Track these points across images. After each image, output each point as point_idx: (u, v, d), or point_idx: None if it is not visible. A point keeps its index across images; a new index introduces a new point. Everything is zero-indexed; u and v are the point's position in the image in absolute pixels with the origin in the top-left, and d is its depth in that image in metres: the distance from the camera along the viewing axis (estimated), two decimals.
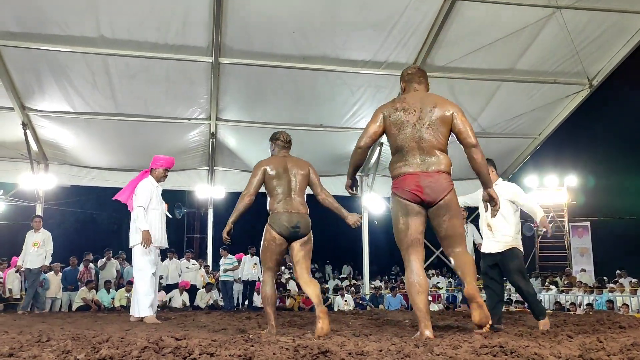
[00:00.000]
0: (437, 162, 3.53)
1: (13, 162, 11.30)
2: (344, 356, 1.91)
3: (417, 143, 3.50)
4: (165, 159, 6.46)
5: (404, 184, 3.48)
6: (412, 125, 3.50)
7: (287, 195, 4.50)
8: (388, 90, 10.17)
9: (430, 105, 3.55)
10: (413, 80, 3.82)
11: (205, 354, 2.17)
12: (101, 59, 8.92)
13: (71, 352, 2.59)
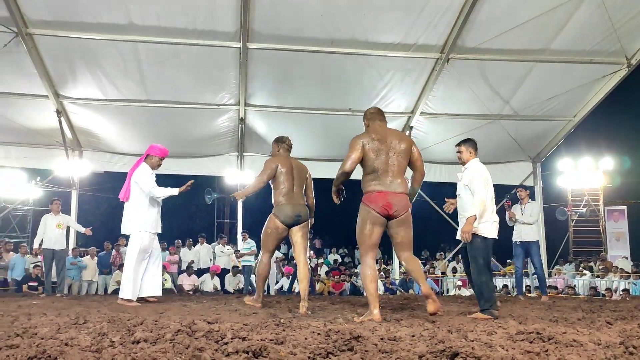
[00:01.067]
0: (402, 185, 4.45)
1: (48, 149, 11.56)
2: (376, 341, 1.89)
3: (389, 167, 4.42)
4: (162, 149, 6.59)
5: (377, 199, 4.36)
6: (386, 153, 4.42)
7: (290, 190, 5.51)
8: (417, 73, 10.02)
9: (396, 138, 4.52)
10: (376, 118, 4.73)
11: (238, 337, 2.18)
12: (131, 45, 9.00)
13: (107, 334, 2.64)
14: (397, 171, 4.43)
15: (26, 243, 14.34)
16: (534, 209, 8.31)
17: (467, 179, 4.88)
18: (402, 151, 4.46)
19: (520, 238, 8.19)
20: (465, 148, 5.06)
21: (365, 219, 4.42)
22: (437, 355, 1.62)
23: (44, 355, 1.93)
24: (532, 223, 8.17)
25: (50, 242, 9.06)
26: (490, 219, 4.79)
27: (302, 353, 1.65)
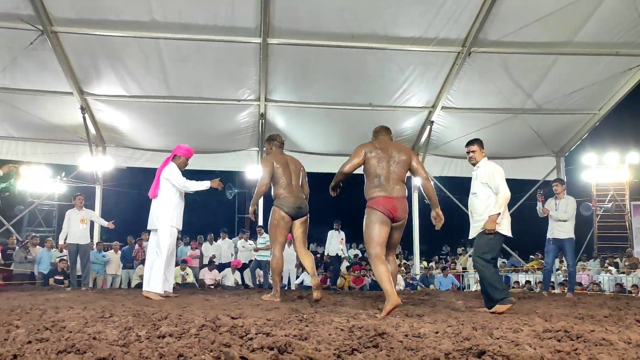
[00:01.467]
0: (402, 190, 4.78)
1: (73, 145, 11.76)
2: (401, 338, 1.88)
3: (390, 174, 4.77)
4: (188, 149, 6.67)
5: (384, 203, 4.68)
6: (387, 161, 4.79)
7: (289, 184, 5.86)
8: (438, 67, 9.93)
9: (396, 150, 4.90)
10: (380, 133, 5.17)
11: (262, 333, 2.19)
12: (153, 42, 9.09)
13: (133, 328, 2.68)
14: (397, 178, 4.79)
15: (52, 237, 14.61)
16: (569, 205, 7.86)
17: (485, 176, 4.86)
18: (402, 161, 4.83)
19: (552, 235, 7.90)
20: (479, 147, 5.16)
21: (374, 221, 4.68)
22: (463, 353, 1.60)
23: (73, 349, 1.97)
24: (565, 220, 7.78)
25: (75, 236, 9.21)
26: (508, 217, 4.89)
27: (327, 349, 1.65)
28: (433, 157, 12.60)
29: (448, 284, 12.40)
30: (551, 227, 7.97)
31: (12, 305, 4.16)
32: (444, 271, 13.14)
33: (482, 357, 1.49)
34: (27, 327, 2.68)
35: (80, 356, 1.84)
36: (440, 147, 12.29)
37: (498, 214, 4.70)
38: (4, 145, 11.61)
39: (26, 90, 10.04)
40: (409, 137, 12.14)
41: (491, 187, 4.80)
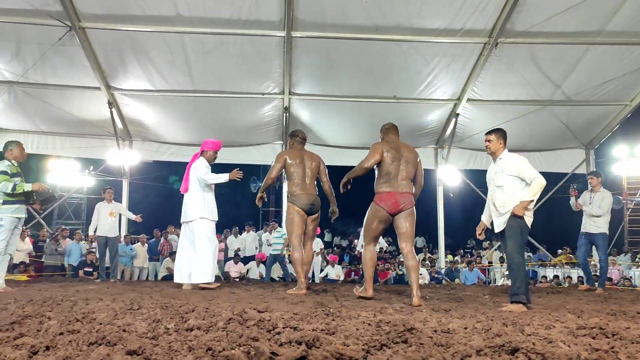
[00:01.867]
0: (407, 186, 5.25)
1: (101, 139, 11.94)
2: (430, 334, 1.86)
3: (399, 172, 5.23)
4: (214, 142, 6.85)
5: (386, 199, 5.17)
6: (398, 160, 5.23)
7: (303, 181, 6.08)
8: (464, 59, 9.78)
9: (407, 150, 5.33)
10: (389, 132, 5.54)
11: (289, 327, 2.19)
12: (178, 37, 9.15)
13: (161, 321, 2.71)
14: (405, 176, 5.25)
15: (81, 230, 14.90)
16: (604, 199, 7.53)
17: (513, 168, 4.71)
18: (411, 162, 5.30)
19: (584, 229, 7.68)
20: (496, 138, 4.94)
21: (374, 216, 5.26)
22: (495, 350, 1.57)
23: (104, 341, 1.99)
24: (599, 215, 7.48)
25: (104, 229, 9.38)
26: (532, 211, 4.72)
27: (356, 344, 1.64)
28: (458, 150, 12.46)
29: (474, 278, 12.28)
30: (584, 221, 7.74)
31: (44, 297, 4.25)
32: (470, 265, 13.01)
33: (515, 354, 1.46)
34: (59, 319, 2.73)
35: (110, 348, 1.86)
36: (466, 140, 12.14)
37: (531, 201, 4.59)
38: (34, 140, 11.86)
39: (55, 85, 10.23)
40: (433, 130, 12.02)
41: (523, 178, 4.65)
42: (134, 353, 1.76)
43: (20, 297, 4.42)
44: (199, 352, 1.60)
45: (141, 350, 1.78)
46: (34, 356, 1.76)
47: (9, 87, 10.19)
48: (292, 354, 1.25)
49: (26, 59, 9.44)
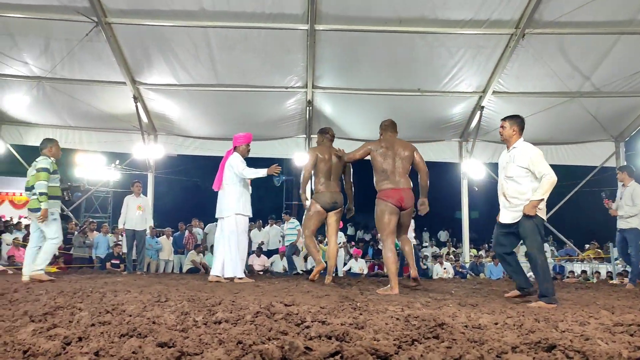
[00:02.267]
0: (407, 182, 5.57)
1: (126, 133, 12.11)
2: (462, 329, 1.83)
3: (395, 169, 5.53)
4: (245, 135, 6.97)
5: (392, 195, 5.48)
6: (392, 158, 5.54)
7: (328, 179, 6.39)
8: (489, 50, 9.63)
9: (401, 146, 5.63)
10: (388, 130, 5.83)
11: (317, 321, 2.19)
12: (202, 31, 9.20)
13: (189, 313, 2.73)
14: (402, 172, 5.55)
15: (107, 223, 15.15)
16: (635, 193, 7.35)
17: (524, 160, 4.46)
18: (406, 157, 5.57)
19: (618, 225, 7.54)
20: (510, 124, 4.70)
21: (384, 211, 5.50)
22: (531, 347, 1.54)
23: (135, 333, 2.01)
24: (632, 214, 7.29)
25: (132, 222, 9.54)
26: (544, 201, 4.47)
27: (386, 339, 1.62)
28: (483, 144, 12.30)
29: (499, 273, 12.14)
30: (618, 216, 7.59)
31: (74, 288, 4.33)
32: (495, 259, 12.85)
33: (552, 351, 1.43)
34: (89, 310, 2.77)
35: (141, 340, 1.88)
36: (491, 133, 11.95)
37: (542, 200, 4.35)
38: (62, 135, 12.06)
39: (82, 80, 10.39)
40: (458, 123, 11.88)
41: (533, 171, 4.42)
42: (165, 345, 1.77)
43: (51, 288, 4.51)
44: (230, 345, 1.61)
45: (172, 342, 1.80)
46: (67, 347, 1.79)
47: (38, 82, 10.39)
48: (327, 349, 1.25)
49: (54, 54, 9.61)
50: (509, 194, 4.57)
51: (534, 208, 4.36)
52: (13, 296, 3.58)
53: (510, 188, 4.56)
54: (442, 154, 12.63)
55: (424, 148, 12.49)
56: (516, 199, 4.51)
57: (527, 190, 4.45)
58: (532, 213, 4.36)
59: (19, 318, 2.49)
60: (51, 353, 1.61)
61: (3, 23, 8.93)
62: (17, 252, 10.94)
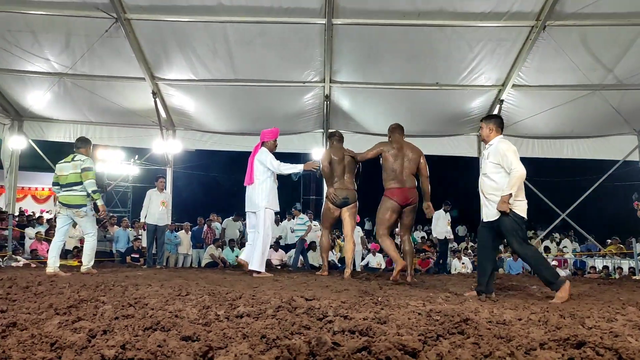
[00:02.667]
0: (412, 181, 6.16)
1: (145, 128, 12.21)
2: (487, 325, 1.81)
3: (403, 169, 6.12)
4: (272, 131, 7.21)
5: (398, 194, 6.13)
6: (401, 159, 6.13)
7: (341, 177, 6.96)
8: (510, 43, 9.48)
9: (409, 149, 6.25)
10: (396, 132, 6.42)
11: (339, 316, 2.18)
12: (220, 26, 9.21)
13: (211, 307, 2.74)
14: (408, 173, 6.15)
15: (127, 217, 15.31)
16: None
17: (496, 156, 4.56)
18: (413, 159, 6.17)
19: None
20: (486, 124, 4.88)
21: (387, 208, 6.16)
22: (560, 344, 1.52)
23: (158, 327, 2.03)
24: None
25: (154, 217, 9.68)
26: (524, 199, 4.57)
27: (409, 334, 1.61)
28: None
29: (518, 268, 12.03)
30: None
31: (97, 282, 4.38)
32: (514, 255, 12.74)
33: (582, 348, 1.40)
34: (112, 303, 2.80)
35: (165, 333, 1.89)
36: (510, 127, 11.80)
37: (510, 195, 4.40)
38: (83, 130, 12.20)
39: (102, 76, 10.49)
40: (476, 117, 11.74)
41: (504, 166, 4.49)
42: (189, 339, 1.78)
43: (74, 281, 4.57)
44: (254, 339, 1.61)
45: (195, 336, 1.80)
46: (92, 340, 1.81)
47: (59, 79, 10.51)
48: (354, 344, 1.24)
49: (75, 51, 9.71)
50: (485, 191, 4.69)
51: (504, 204, 4.41)
52: (38, 289, 3.63)
53: (485, 185, 4.68)
54: (460, 148, 12.52)
55: (442, 142, 12.42)
56: (493, 195, 4.58)
57: (502, 186, 4.50)
58: (503, 209, 4.41)
59: (44, 311, 2.53)
60: (77, 346, 1.62)
61: (25, 21, 9.05)
62: (40, 245, 11.13)
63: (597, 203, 14.41)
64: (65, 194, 6.59)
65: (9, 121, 11.69)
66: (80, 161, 6.60)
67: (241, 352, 1.31)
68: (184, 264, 12.29)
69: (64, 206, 6.61)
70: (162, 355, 1.38)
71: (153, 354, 1.35)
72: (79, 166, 6.56)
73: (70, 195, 6.56)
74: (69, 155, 6.81)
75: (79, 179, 6.53)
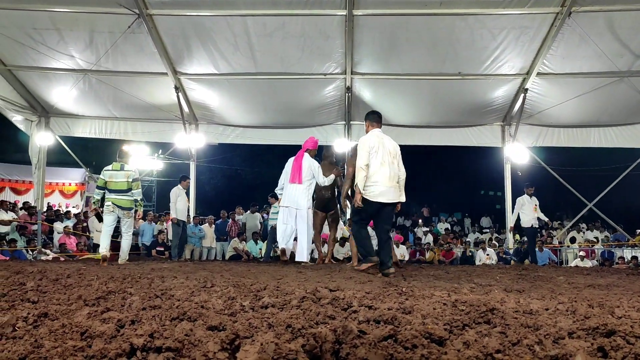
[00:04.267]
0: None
1: (169, 123, 12.34)
2: (514, 315, 1.80)
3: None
4: (314, 141, 7.91)
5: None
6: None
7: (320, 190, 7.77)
8: (534, 30, 9.31)
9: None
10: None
11: (364, 306, 2.18)
12: (241, 20, 9.23)
13: (235, 298, 2.77)
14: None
15: (152, 211, 15.52)
16: None
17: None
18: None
19: None
20: (365, 121, 5.85)
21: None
22: (589, 333, 1.49)
23: (185, 317, 2.06)
24: None
25: (183, 213, 10.03)
26: (372, 184, 5.41)
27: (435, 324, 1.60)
28: (527, 127, 11.96)
29: (544, 259, 11.86)
30: None
31: (124, 274, 4.45)
32: (540, 245, 12.56)
33: (612, 337, 1.38)
34: (139, 295, 2.84)
35: (192, 323, 1.91)
36: (535, 116, 11.64)
37: (355, 186, 5.44)
38: (108, 126, 12.39)
39: (126, 72, 10.62)
40: (500, 106, 11.59)
41: None
42: (215, 328, 1.80)
43: (102, 274, 4.65)
44: (279, 329, 1.62)
45: (222, 326, 1.82)
46: (121, 329, 1.84)
47: (84, 75, 10.67)
48: (380, 332, 1.24)
49: (98, 47, 9.84)
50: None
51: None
52: (67, 281, 3.71)
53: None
54: (484, 138, 12.37)
55: (465, 133, 12.29)
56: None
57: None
58: (354, 200, 5.45)
59: (73, 302, 2.58)
60: (107, 335, 1.65)
61: (50, 18, 9.20)
62: (68, 239, 11.36)
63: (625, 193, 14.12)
64: (117, 197, 7.58)
65: (36, 117, 11.92)
66: (131, 172, 7.66)
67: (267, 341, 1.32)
68: (208, 256, 12.41)
69: (117, 207, 7.59)
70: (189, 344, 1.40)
71: (181, 342, 1.37)
72: (131, 176, 7.62)
73: (123, 199, 7.60)
74: (115, 164, 7.73)
75: (128, 187, 7.60)
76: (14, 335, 1.61)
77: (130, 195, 7.63)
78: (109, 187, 7.58)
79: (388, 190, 5.42)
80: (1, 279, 3.62)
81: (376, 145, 5.47)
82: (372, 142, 5.47)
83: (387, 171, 5.43)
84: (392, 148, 5.60)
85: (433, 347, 1.23)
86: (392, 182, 5.45)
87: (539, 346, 1.28)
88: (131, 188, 7.62)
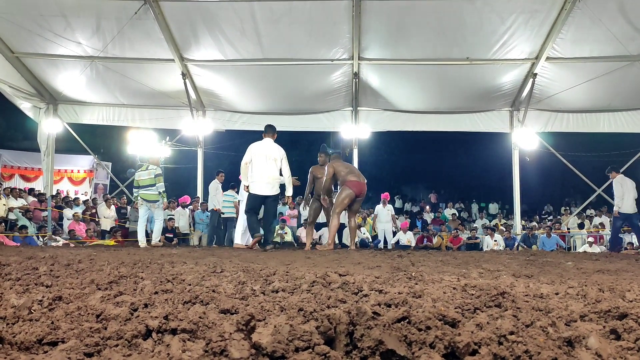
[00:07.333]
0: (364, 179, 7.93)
1: (176, 110, 12.35)
2: (525, 299, 1.80)
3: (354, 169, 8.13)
4: None
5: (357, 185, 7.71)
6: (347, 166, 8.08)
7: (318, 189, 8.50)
8: (543, 14, 9.21)
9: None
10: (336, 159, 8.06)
11: (374, 290, 2.19)
12: (248, 5, 9.19)
13: (246, 283, 2.78)
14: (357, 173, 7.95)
15: None
16: None
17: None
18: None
19: None
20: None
21: (347, 196, 7.68)
22: (601, 316, 1.50)
23: (197, 300, 2.08)
24: None
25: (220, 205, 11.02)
26: (254, 181, 7.27)
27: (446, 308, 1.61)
28: (536, 112, 11.88)
29: (552, 245, 11.84)
30: None
31: (134, 259, 4.49)
32: (548, 231, 12.54)
33: (624, 320, 1.39)
34: (151, 279, 2.87)
35: (204, 307, 1.93)
36: (544, 101, 11.55)
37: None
38: (115, 112, 12.43)
39: (133, 59, 10.62)
40: (508, 91, 11.51)
41: None
42: (228, 312, 1.81)
43: (112, 259, 4.70)
44: (291, 312, 1.63)
45: (234, 309, 1.84)
46: (134, 312, 1.86)
47: (91, 62, 10.68)
48: (394, 314, 1.25)
49: (105, 34, 9.84)
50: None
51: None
52: (78, 266, 3.74)
53: None
54: (492, 123, 12.31)
55: (473, 118, 12.22)
56: None
57: None
58: None
59: (86, 286, 2.61)
60: (121, 317, 1.67)
61: (57, 4, 9.19)
62: (78, 226, 11.45)
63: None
64: (144, 192, 8.88)
65: (44, 105, 11.96)
66: (153, 169, 8.92)
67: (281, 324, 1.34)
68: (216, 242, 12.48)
69: (145, 201, 8.89)
70: (204, 326, 1.42)
71: (195, 324, 1.39)
72: (153, 173, 8.88)
73: (149, 193, 8.90)
74: (143, 165, 9.22)
75: (152, 182, 8.84)
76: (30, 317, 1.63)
77: (155, 189, 8.88)
78: (139, 185, 8.91)
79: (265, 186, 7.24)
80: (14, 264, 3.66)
81: (255, 152, 7.30)
82: (254, 150, 7.36)
83: (263, 171, 7.22)
84: (271, 152, 7.27)
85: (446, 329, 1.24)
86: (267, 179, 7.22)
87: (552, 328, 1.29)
88: (155, 183, 8.86)
